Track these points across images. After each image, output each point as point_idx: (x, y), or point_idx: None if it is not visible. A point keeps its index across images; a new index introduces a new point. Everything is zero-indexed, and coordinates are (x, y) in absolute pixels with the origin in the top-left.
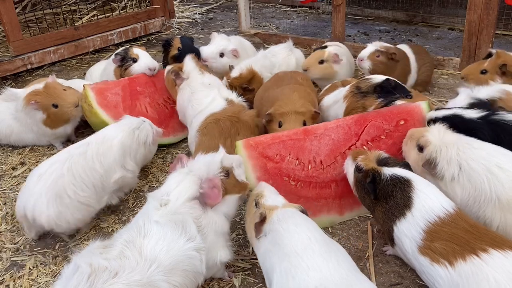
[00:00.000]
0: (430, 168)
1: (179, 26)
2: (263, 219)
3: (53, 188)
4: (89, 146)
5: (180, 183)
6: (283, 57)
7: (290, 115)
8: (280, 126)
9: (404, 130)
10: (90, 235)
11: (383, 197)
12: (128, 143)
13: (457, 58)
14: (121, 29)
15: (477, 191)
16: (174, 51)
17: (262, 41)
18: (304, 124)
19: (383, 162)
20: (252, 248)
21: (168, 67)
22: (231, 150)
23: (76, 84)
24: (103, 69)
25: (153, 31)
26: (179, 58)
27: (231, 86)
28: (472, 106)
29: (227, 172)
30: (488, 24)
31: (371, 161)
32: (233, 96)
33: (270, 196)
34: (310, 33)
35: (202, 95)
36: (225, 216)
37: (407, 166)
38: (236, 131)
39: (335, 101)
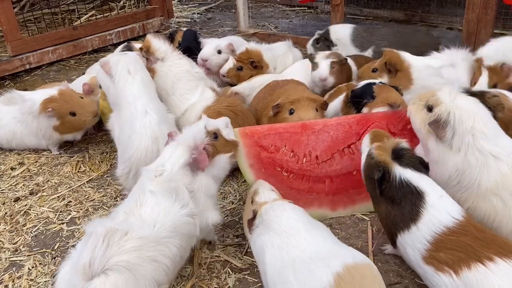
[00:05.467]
0: (437, 128)
1: (177, 26)
2: (254, 215)
3: None
4: None
5: (173, 153)
6: (281, 53)
7: (302, 101)
8: (291, 113)
9: (411, 135)
10: None
11: (389, 198)
12: None
13: None
14: (119, 29)
15: (465, 173)
16: (175, 44)
17: (260, 40)
18: (316, 111)
19: (398, 154)
20: (249, 248)
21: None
22: None
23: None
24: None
25: (152, 31)
26: None
27: (238, 61)
28: None
29: (215, 134)
30: (487, 23)
31: (386, 151)
32: (214, 84)
33: (263, 192)
34: (308, 33)
35: (191, 86)
36: (214, 178)
37: (422, 163)
38: (242, 121)
39: (335, 112)
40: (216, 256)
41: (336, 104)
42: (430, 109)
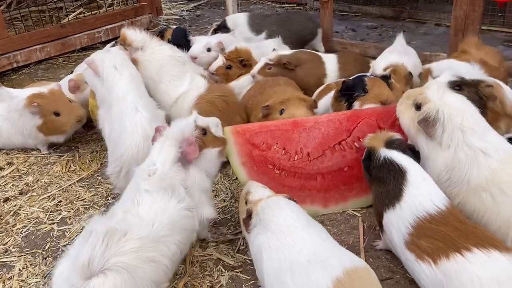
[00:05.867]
0: (427, 126)
1: (166, 23)
2: (249, 215)
3: None
4: None
5: (162, 150)
6: (270, 50)
7: (293, 100)
8: (281, 113)
9: (400, 130)
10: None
11: (376, 178)
12: None
13: (443, 53)
14: (108, 26)
15: (455, 169)
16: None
17: None
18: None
19: (390, 143)
20: (242, 245)
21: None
22: None
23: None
24: None
25: (141, 29)
26: None
27: (228, 60)
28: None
29: (204, 130)
30: (474, 20)
31: (378, 140)
32: (202, 70)
33: (256, 191)
34: None
35: (177, 72)
36: (206, 174)
37: (412, 150)
38: (235, 111)
39: (325, 109)
40: (208, 254)
41: (325, 101)
42: (418, 107)
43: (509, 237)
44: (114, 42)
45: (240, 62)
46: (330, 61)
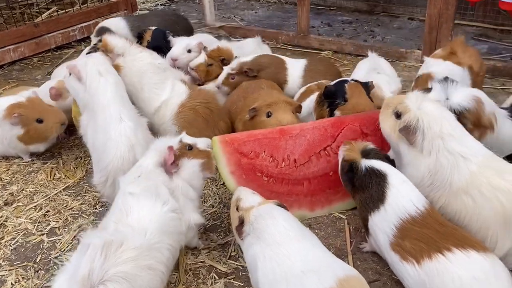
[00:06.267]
0: (408, 134)
1: None
2: (241, 222)
3: None
4: None
5: (146, 155)
6: (251, 50)
7: (280, 104)
8: (269, 116)
9: (382, 135)
10: (72, 247)
11: (360, 187)
12: None
13: (418, 50)
14: (82, 24)
15: (438, 174)
16: (144, 43)
17: (228, 34)
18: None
19: (366, 153)
20: (233, 251)
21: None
22: None
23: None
24: None
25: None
26: None
27: (209, 58)
28: None
29: (190, 146)
30: (448, 18)
31: (355, 151)
32: (183, 75)
33: (246, 197)
34: (275, 25)
35: (158, 79)
36: (189, 184)
37: (388, 158)
38: (219, 117)
39: (308, 112)
40: (201, 261)
41: (308, 104)
42: (398, 115)
43: (488, 237)
44: (91, 47)
45: (222, 61)
46: (295, 68)
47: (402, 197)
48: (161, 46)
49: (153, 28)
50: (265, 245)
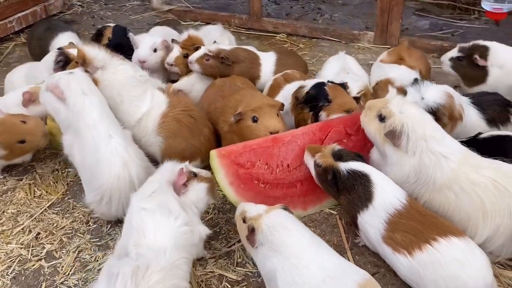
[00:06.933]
0: (394, 138)
1: (80, 3)
2: (252, 230)
3: None
4: None
5: (156, 173)
6: (217, 36)
7: (265, 108)
8: (255, 121)
9: (364, 134)
10: (75, 270)
11: (345, 189)
12: None
13: (371, 32)
14: (19, 14)
15: (422, 172)
16: (105, 40)
17: (177, 17)
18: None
19: (337, 155)
20: (239, 258)
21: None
22: (208, 144)
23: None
24: (26, 76)
25: (55, 12)
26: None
27: (184, 48)
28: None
29: (195, 173)
30: (398, 2)
31: (328, 156)
32: (160, 83)
33: (251, 208)
34: (221, 5)
35: (138, 92)
36: (195, 206)
37: (360, 157)
38: (203, 123)
39: (284, 111)
40: (210, 272)
41: (280, 99)
42: (382, 119)
43: (469, 227)
44: (58, 49)
45: (196, 49)
46: (267, 63)
47: (388, 194)
48: (122, 44)
49: (113, 25)
50: (283, 257)
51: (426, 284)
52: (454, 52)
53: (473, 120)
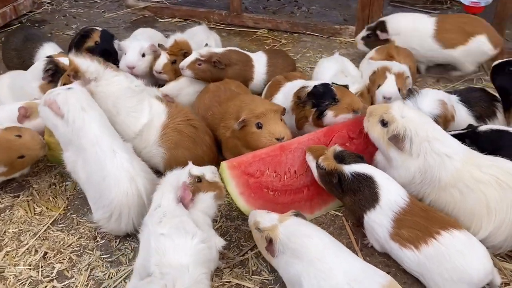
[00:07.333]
0: (397, 142)
1: (49, 1)
2: (270, 241)
3: None
4: None
5: (163, 195)
6: (204, 38)
7: (269, 114)
8: (259, 127)
9: (366, 137)
10: None
11: (350, 191)
12: None
13: (352, 26)
14: None
15: (427, 173)
16: (90, 43)
17: (153, 15)
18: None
19: (340, 157)
20: (253, 265)
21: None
22: (210, 152)
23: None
24: (10, 86)
25: (25, 12)
26: (93, 52)
27: (171, 54)
28: None
29: (199, 178)
30: None
31: (330, 159)
32: (156, 91)
33: (264, 218)
34: (202, 3)
35: (135, 103)
36: (205, 214)
37: (362, 159)
38: (204, 132)
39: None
40: (227, 282)
41: (280, 98)
42: (384, 123)
43: (473, 223)
44: (48, 57)
45: (184, 54)
46: (260, 64)
47: (392, 194)
48: (109, 50)
49: (100, 29)
50: (306, 263)
51: (432, 277)
52: (363, 32)
53: (463, 117)
